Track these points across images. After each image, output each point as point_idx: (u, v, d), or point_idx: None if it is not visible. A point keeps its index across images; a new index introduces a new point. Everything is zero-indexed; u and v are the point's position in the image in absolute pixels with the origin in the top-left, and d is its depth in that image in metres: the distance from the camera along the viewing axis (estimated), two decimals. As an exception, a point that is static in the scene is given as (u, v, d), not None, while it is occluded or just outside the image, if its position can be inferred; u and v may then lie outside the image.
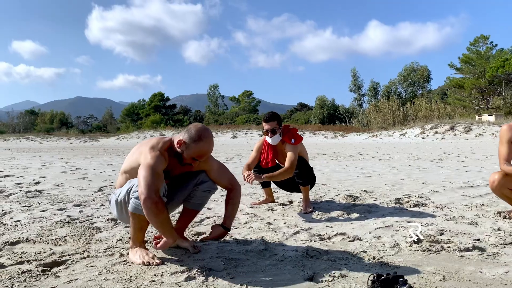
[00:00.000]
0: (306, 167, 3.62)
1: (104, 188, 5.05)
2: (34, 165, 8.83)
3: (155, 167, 2.19)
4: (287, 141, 3.57)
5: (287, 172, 3.47)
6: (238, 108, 70.30)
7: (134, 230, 2.31)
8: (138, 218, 2.25)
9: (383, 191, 4.67)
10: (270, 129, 3.59)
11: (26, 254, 2.34)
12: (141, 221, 2.26)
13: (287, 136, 3.60)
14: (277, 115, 3.68)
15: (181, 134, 2.38)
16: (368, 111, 49.14)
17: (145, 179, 2.12)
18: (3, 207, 3.81)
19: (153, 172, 2.15)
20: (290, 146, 3.53)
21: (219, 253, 2.36)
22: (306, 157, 3.73)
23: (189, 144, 2.32)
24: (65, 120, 74.51)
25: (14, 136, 41.92)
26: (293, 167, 3.48)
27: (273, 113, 3.70)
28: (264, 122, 3.64)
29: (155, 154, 2.26)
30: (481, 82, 46.48)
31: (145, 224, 2.30)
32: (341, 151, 14.77)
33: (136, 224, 2.28)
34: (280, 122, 3.67)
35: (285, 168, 3.49)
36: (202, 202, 2.62)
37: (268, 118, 3.63)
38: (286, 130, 3.68)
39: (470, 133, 26.70)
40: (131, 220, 2.29)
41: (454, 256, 2.28)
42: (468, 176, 5.98)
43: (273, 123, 3.60)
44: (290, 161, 3.49)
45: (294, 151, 3.51)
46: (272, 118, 3.62)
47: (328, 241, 2.64)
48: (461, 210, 3.50)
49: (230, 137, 34.72)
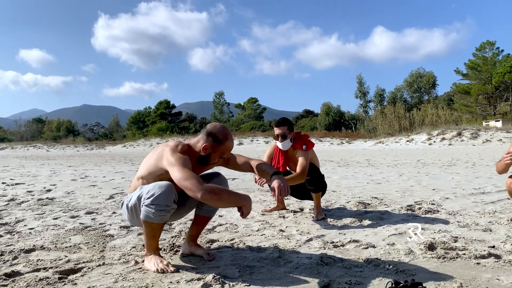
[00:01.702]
0: (318, 173, 3.62)
1: (115, 195, 5.07)
2: (44, 173, 8.90)
3: (186, 165, 2.18)
4: (298, 148, 3.56)
5: (299, 178, 3.46)
6: (244, 115, 70.44)
7: (147, 238, 2.31)
8: (150, 226, 2.25)
9: (394, 198, 4.65)
10: (281, 133, 3.58)
11: (42, 262, 2.36)
12: (153, 229, 2.26)
13: (298, 142, 3.59)
14: (289, 121, 3.67)
15: (201, 139, 2.37)
16: (374, 117, 49.06)
17: (186, 180, 2.09)
18: (16, 214, 3.84)
19: (187, 169, 2.14)
20: (301, 152, 3.53)
21: (234, 261, 2.37)
22: (318, 164, 3.73)
23: (215, 146, 2.36)
24: (71, 128, 75.04)
25: (22, 144, 42.22)
26: (305, 172, 3.47)
27: (285, 118, 3.69)
28: (275, 127, 3.64)
29: (181, 155, 2.25)
30: (488, 87, 46.26)
31: (157, 231, 2.31)
32: (348, 158, 14.73)
33: (148, 232, 2.28)
34: (292, 128, 3.66)
35: (297, 173, 3.47)
36: (214, 209, 2.61)
37: (279, 122, 3.63)
38: (297, 136, 3.67)
39: (478, 139, 26.53)
40: (144, 228, 2.30)
41: (470, 263, 2.27)
42: (478, 183, 5.94)
43: (283, 128, 3.59)
44: (301, 166, 3.48)
45: (305, 157, 3.51)
46: (283, 123, 3.61)
47: (341, 248, 2.63)
48: (474, 217, 3.48)
49: (236, 144, 34.70)
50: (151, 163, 2.35)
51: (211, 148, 2.35)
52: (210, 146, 2.35)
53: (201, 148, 2.35)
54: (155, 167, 2.31)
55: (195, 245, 2.56)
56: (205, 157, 2.39)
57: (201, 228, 2.65)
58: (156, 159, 2.32)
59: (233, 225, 3.34)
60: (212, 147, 2.35)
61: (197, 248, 2.53)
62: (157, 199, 2.16)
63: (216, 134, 2.36)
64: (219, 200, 2.08)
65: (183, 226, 3.30)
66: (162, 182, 2.22)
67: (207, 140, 2.36)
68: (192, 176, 2.10)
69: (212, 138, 2.35)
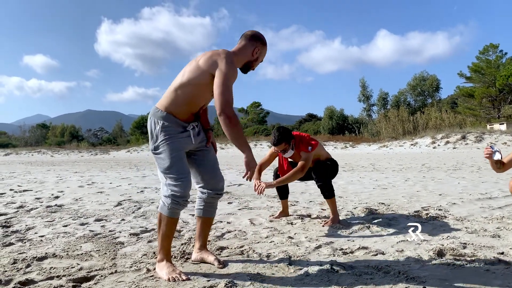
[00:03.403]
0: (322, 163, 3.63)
1: (123, 202, 5.10)
2: (50, 179, 8.95)
3: (231, 81, 2.23)
4: (303, 150, 3.51)
5: (298, 173, 3.45)
6: (247, 120, 70.49)
7: (162, 237, 2.34)
8: (165, 220, 2.31)
9: (401, 203, 4.66)
10: (281, 150, 3.54)
11: (55, 270, 2.38)
12: (168, 223, 2.32)
13: (301, 146, 3.53)
14: (284, 135, 3.47)
15: (247, 45, 2.41)
16: (378, 121, 48.99)
17: (225, 93, 2.17)
18: (26, 222, 3.88)
19: (228, 87, 2.20)
20: (305, 153, 3.51)
21: (244, 268, 2.39)
22: (326, 155, 3.73)
23: (262, 49, 2.45)
24: (75, 133, 75.30)
25: (26, 149, 42.42)
26: (304, 169, 3.46)
27: (279, 134, 3.47)
28: (274, 146, 3.53)
29: (234, 66, 2.27)
30: (492, 90, 46.13)
31: (171, 230, 2.35)
32: (353, 162, 14.72)
33: (163, 229, 2.33)
34: (289, 139, 3.50)
35: (295, 169, 3.47)
36: (213, 208, 2.59)
37: (276, 142, 3.46)
38: (298, 140, 3.58)
39: (482, 142, 26.44)
40: (158, 225, 2.35)
41: (480, 270, 2.28)
42: (485, 187, 5.94)
43: (281, 146, 3.48)
44: (301, 163, 3.47)
45: (308, 157, 3.49)
46: (279, 141, 3.45)
47: (351, 255, 2.65)
48: (481, 223, 3.49)
49: (240, 149, 34.71)
50: (194, 67, 2.32)
51: (259, 51, 2.44)
52: (260, 50, 2.43)
53: (252, 52, 2.41)
54: (200, 72, 2.29)
55: (206, 251, 2.58)
56: (250, 63, 2.44)
57: (207, 231, 2.63)
58: (203, 62, 2.29)
59: (242, 232, 3.36)
60: (261, 50, 2.44)
61: (208, 254, 2.55)
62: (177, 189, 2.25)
63: (261, 37, 2.44)
64: (231, 128, 2.16)
65: (192, 233, 3.33)
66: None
67: (256, 44, 2.42)
68: (230, 94, 2.18)
69: (260, 42, 2.43)
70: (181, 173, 2.29)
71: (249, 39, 2.42)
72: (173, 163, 2.28)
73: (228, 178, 8.73)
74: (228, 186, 7.07)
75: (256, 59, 2.44)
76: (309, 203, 4.85)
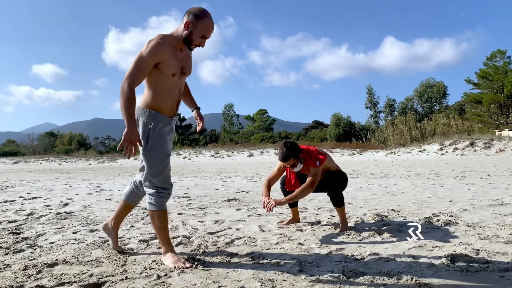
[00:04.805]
0: (332, 174, 3.58)
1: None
2: (59, 187, 9.00)
3: (143, 58, 2.44)
4: (312, 166, 3.46)
5: (307, 190, 3.41)
6: (253, 127, 70.58)
7: (160, 231, 2.65)
8: (157, 214, 2.62)
9: (411, 209, 4.62)
10: (290, 165, 3.50)
11: (66, 276, 2.38)
12: (160, 216, 2.63)
13: (309, 161, 3.47)
14: (292, 151, 3.41)
15: (182, 21, 2.56)
16: (385, 128, 48.79)
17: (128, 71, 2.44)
18: (36, 228, 3.89)
19: (136, 64, 2.44)
20: (314, 168, 3.47)
21: (255, 274, 2.37)
22: (335, 167, 3.68)
23: (196, 22, 2.52)
24: (83, 141, 75.73)
25: (35, 157, 42.76)
26: (314, 185, 3.42)
27: (287, 149, 3.41)
28: (282, 162, 3.48)
29: (150, 45, 2.46)
30: (500, 97, 45.84)
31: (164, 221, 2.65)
32: (360, 169, 14.65)
33: (158, 224, 2.63)
34: (297, 154, 3.45)
35: (305, 185, 3.41)
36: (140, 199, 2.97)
37: (284, 158, 3.41)
38: (306, 154, 3.52)
39: (491, 148, 26.23)
40: (153, 223, 2.66)
41: (494, 276, 2.24)
42: (495, 194, 5.87)
43: (290, 161, 3.44)
44: (310, 178, 3.42)
45: (317, 172, 3.45)
46: (288, 157, 3.40)
47: (362, 261, 2.62)
48: (494, 229, 3.44)
49: (247, 156, 34.77)
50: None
51: (192, 26, 2.52)
52: (191, 23, 2.52)
53: (184, 25, 2.53)
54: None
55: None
56: (187, 38, 2.55)
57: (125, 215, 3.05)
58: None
59: (251, 238, 3.35)
60: (193, 25, 2.52)
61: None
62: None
63: (195, 11, 2.54)
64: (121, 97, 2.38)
65: (202, 239, 3.32)
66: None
67: (188, 18, 2.53)
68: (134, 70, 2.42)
69: (192, 16, 2.53)
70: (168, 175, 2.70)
71: (185, 14, 2.57)
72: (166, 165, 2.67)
73: (235, 185, 8.73)
74: (236, 192, 7.07)
75: (190, 32, 2.53)
76: (318, 209, 4.82)
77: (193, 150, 40.41)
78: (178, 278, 2.33)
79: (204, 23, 2.52)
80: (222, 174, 13.32)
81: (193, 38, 2.54)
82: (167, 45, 2.50)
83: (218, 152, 37.21)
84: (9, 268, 2.56)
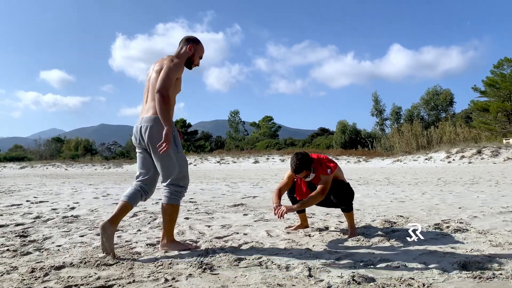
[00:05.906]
0: (341, 184, 3.54)
1: (139, 213, 5.09)
2: (66, 191, 9.01)
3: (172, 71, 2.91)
4: (323, 173, 3.43)
5: (318, 196, 3.37)
6: (259, 134, 70.55)
7: (171, 224, 3.08)
8: (176, 208, 3.07)
9: (420, 216, 4.57)
10: (303, 176, 3.49)
11: (73, 279, 2.37)
12: (177, 210, 3.09)
13: (320, 170, 3.44)
14: (304, 162, 3.37)
15: (183, 47, 3.12)
16: (391, 135, 48.56)
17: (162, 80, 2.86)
18: (43, 232, 3.89)
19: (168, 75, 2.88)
20: (325, 176, 3.43)
21: (264, 279, 2.34)
22: (342, 177, 3.64)
23: (196, 46, 3.14)
24: (89, 147, 76.05)
25: (41, 162, 42.95)
26: (325, 192, 3.38)
27: (299, 161, 3.36)
28: (295, 174, 3.45)
29: (174, 62, 2.97)
30: (507, 105, 45.52)
31: (177, 215, 3.11)
32: (367, 176, 14.56)
33: (174, 217, 3.07)
34: (309, 165, 3.41)
35: (315, 192, 3.37)
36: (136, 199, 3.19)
37: (296, 170, 3.38)
38: (317, 163, 3.49)
39: (499, 157, 25.98)
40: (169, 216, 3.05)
41: (508, 283, 2.20)
42: (505, 201, 5.80)
43: (302, 173, 3.41)
44: (321, 186, 3.39)
45: (328, 180, 3.41)
46: (300, 169, 3.36)
47: (372, 267, 2.58)
48: (506, 236, 3.38)
49: (252, 162, 34.69)
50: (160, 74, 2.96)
51: (194, 49, 3.12)
52: (193, 47, 3.12)
53: (187, 49, 3.10)
54: None
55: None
56: (190, 58, 3.13)
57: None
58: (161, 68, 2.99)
59: (259, 243, 3.32)
60: (194, 47, 3.13)
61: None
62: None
63: (192, 38, 3.18)
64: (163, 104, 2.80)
65: (209, 244, 3.29)
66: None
67: (189, 43, 3.12)
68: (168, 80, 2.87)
69: (192, 41, 3.15)
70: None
71: (184, 41, 3.14)
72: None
73: (241, 190, 8.70)
74: (242, 198, 7.04)
75: (193, 54, 3.13)
76: (326, 215, 4.78)
77: (199, 156, 40.42)
78: (185, 282, 2.31)
79: (200, 47, 3.18)
80: (228, 180, 13.30)
81: (194, 59, 3.17)
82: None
83: (223, 159, 37.19)
84: (16, 271, 2.55)
